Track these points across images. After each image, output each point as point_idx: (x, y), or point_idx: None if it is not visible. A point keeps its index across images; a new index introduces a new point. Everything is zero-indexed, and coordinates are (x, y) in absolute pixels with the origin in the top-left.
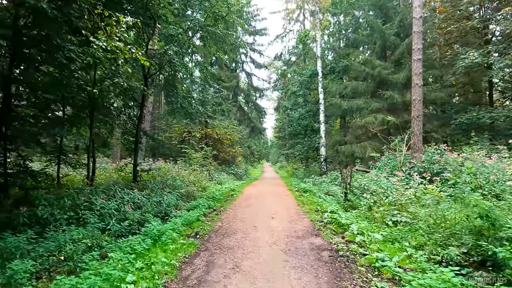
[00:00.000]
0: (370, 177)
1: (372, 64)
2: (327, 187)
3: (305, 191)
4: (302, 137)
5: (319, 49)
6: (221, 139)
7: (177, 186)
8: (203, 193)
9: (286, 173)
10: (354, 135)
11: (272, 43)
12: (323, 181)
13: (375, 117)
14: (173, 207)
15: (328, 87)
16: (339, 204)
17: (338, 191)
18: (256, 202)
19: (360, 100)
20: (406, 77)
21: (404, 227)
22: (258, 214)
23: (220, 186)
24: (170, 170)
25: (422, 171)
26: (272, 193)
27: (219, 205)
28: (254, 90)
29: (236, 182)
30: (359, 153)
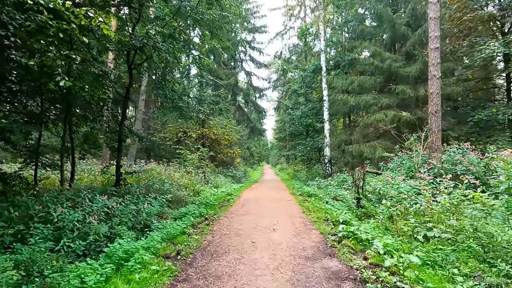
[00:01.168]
0: (385, 180)
1: (382, 57)
2: (334, 191)
3: (310, 196)
4: (303, 138)
5: (323, 42)
6: (219, 139)
7: (165, 190)
8: (195, 198)
9: (287, 175)
10: (361, 134)
11: (272, 41)
12: (329, 184)
13: (385, 114)
14: (156, 216)
15: (333, 83)
16: (351, 212)
17: (348, 196)
18: (255, 209)
19: (368, 95)
20: (419, 70)
21: (441, 243)
22: (257, 225)
23: (215, 190)
24: (161, 172)
25: (443, 173)
26: (273, 197)
27: (212, 213)
28: (253, 90)
29: (234, 185)
30: (368, 153)
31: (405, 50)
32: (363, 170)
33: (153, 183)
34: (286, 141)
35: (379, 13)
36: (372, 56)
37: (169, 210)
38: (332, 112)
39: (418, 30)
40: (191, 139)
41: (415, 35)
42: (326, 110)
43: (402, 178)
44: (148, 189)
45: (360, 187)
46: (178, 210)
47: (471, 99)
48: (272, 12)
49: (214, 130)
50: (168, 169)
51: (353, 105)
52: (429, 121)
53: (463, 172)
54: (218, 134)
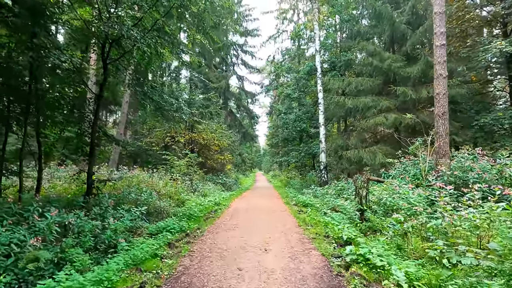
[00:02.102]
0: (391, 188)
1: (381, 57)
2: (332, 200)
3: (305, 206)
4: (297, 144)
5: (318, 42)
6: (209, 145)
7: (142, 201)
8: (179, 209)
9: (279, 182)
10: (359, 138)
11: (264, 44)
12: (326, 192)
13: (385, 117)
14: (127, 232)
15: (329, 84)
16: (353, 225)
17: (349, 207)
18: (245, 222)
19: (367, 98)
20: (421, 71)
21: (474, 270)
22: (246, 243)
23: (202, 199)
24: (144, 180)
25: (453, 181)
26: (265, 208)
27: (195, 227)
28: (246, 94)
29: (223, 193)
30: (368, 160)
31: (405, 50)
32: (366, 178)
33: (129, 192)
34: (279, 147)
35: (377, 10)
36: (371, 56)
37: (146, 224)
38: (327, 116)
39: (419, 29)
40: (179, 144)
41: (416, 34)
42: (322, 114)
43: (411, 186)
44: (120, 199)
45: (364, 197)
46: (156, 224)
47: (474, 102)
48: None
49: (204, 135)
50: (153, 177)
51: (350, 107)
52: (435, 124)
53: (476, 180)
54: (207, 139)
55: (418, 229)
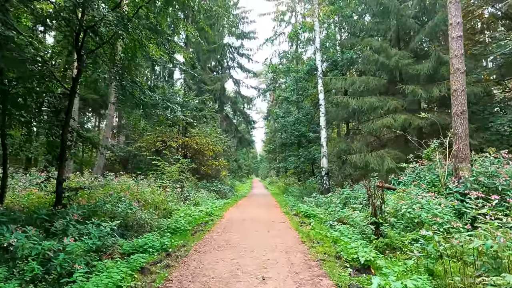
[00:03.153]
0: (409, 198)
1: (387, 53)
2: (338, 211)
3: (308, 216)
4: (295, 149)
5: (318, 40)
6: (202, 150)
7: (119, 212)
8: (164, 221)
9: (277, 189)
10: (364, 142)
11: (261, 47)
12: (330, 201)
13: (393, 118)
14: (93, 254)
15: (331, 84)
16: (367, 241)
17: (359, 219)
18: (239, 237)
19: (372, 97)
20: (431, 68)
21: None
22: (239, 267)
23: (193, 209)
24: (127, 188)
25: (476, 188)
26: (262, 218)
27: (179, 244)
28: (242, 98)
29: (217, 201)
30: (375, 165)
31: (413, 46)
32: (382, 186)
33: (104, 203)
34: (276, 153)
35: (383, 4)
36: (377, 52)
37: (121, 241)
38: (329, 118)
39: (429, 23)
40: (171, 149)
41: (425, 28)
42: (323, 116)
43: (433, 195)
44: (93, 211)
45: (378, 207)
46: (133, 241)
47: (486, 103)
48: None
49: (197, 140)
50: (139, 184)
51: (355, 108)
52: (453, 124)
53: (504, 187)
54: (201, 144)
55: (459, 251)
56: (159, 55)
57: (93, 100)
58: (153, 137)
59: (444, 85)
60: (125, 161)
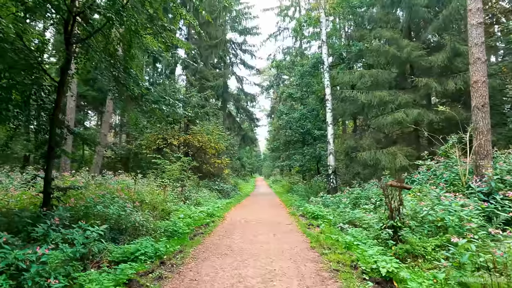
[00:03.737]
0: (430, 198)
1: (399, 45)
2: (348, 212)
3: (315, 217)
4: (300, 147)
5: (324, 32)
6: (204, 147)
7: (110, 214)
8: (161, 223)
9: (281, 188)
10: (374, 138)
11: (264, 43)
12: (339, 201)
13: (406, 113)
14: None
15: (338, 78)
16: (384, 247)
17: (373, 221)
18: (241, 241)
19: (383, 91)
20: (446, 59)
21: None
22: (241, 279)
23: (194, 209)
24: (124, 187)
25: (502, 187)
26: (267, 220)
27: (175, 250)
28: (245, 95)
29: (220, 201)
30: (387, 162)
31: (425, 37)
32: (400, 185)
33: (95, 203)
34: (280, 151)
35: None
36: (388, 44)
37: (112, 246)
38: (336, 114)
39: (443, 12)
40: (172, 147)
41: (439, 18)
42: (330, 112)
43: (456, 195)
44: (82, 213)
45: (396, 209)
46: (125, 246)
47: (504, 97)
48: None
49: (199, 137)
50: (137, 183)
51: (364, 103)
52: (473, 118)
53: None
54: (203, 142)
55: (502, 263)
56: (156, 46)
57: (92, 97)
58: (154, 135)
59: (460, 78)
60: (126, 160)
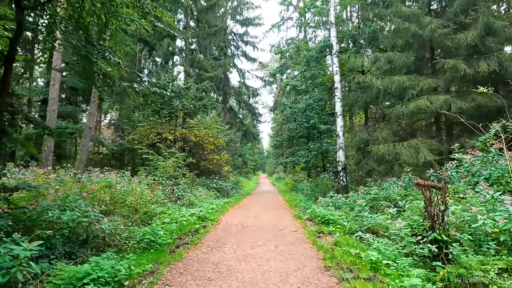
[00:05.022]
0: (478, 202)
1: (420, 22)
2: (367, 217)
3: (326, 222)
4: (305, 142)
5: (333, 13)
6: (202, 142)
7: (65, 221)
8: (139, 231)
9: (284, 186)
10: (391, 130)
11: (267, 34)
12: (352, 202)
13: (429, 100)
14: None
15: (349, 62)
16: (423, 268)
17: (405, 231)
18: (234, 258)
19: (402, 76)
20: (477, 38)
21: None
22: None
23: (184, 211)
24: (109, 185)
25: None
26: (268, 225)
27: (145, 271)
28: (247, 89)
29: (217, 201)
30: (408, 157)
31: (450, 14)
32: (444, 186)
33: (48, 207)
34: (284, 147)
35: None
36: (408, 19)
37: (61, 266)
38: (347, 103)
39: None
40: (167, 142)
41: None
42: (339, 101)
43: None
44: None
45: (440, 216)
46: (75, 268)
47: None
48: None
49: (196, 131)
50: (125, 181)
51: (380, 90)
52: None
53: None
54: (200, 136)
55: None
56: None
57: (83, 89)
58: (147, 129)
59: (494, 58)
60: (121, 156)
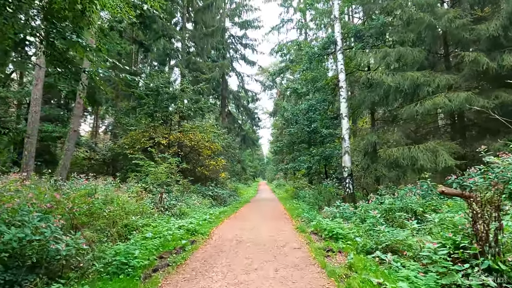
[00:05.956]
0: None
1: (435, 12)
2: (385, 232)
3: (334, 237)
4: (306, 147)
5: (337, 7)
6: (199, 147)
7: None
8: (112, 249)
9: (285, 193)
10: (403, 132)
11: (267, 36)
12: (363, 212)
13: (447, 98)
14: None
15: (355, 58)
16: None
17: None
18: (224, 285)
19: (415, 72)
20: (500, 28)
21: None
22: None
23: (172, 223)
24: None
25: None
26: (267, 240)
27: None
28: (246, 93)
29: (211, 210)
30: (426, 162)
31: (466, 4)
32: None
33: None
34: (284, 153)
35: None
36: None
37: None
38: (353, 104)
39: None
40: (160, 147)
41: None
42: (344, 102)
43: None
44: None
45: (492, 239)
46: None
47: None
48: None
49: (191, 135)
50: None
51: (390, 87)
52: None
53: None
54: (196, 141)
55: None
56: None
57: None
58: (139, 132)
59: None
60: (113, 161)
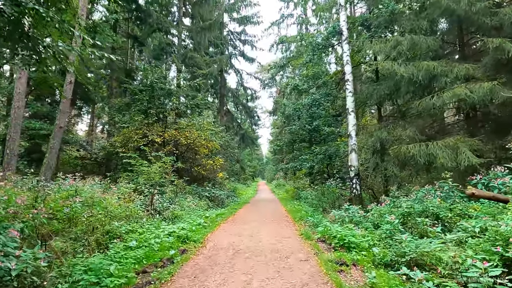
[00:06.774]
0: None
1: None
2: (405, 241)
3: (346, 246)
4: (307, 146)
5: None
6: (195, 146)
7: None
8: (86, 261)
9: (285, 193)
10: (417, 127)
11: (266, 31)
12: (377, 217)
13: (468, 89)
14: None
15: (364, 48)
16: None
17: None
18: None
19: (430, 62)
20: None
21: None
22: None
23: (162, 229)
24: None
25: None
26: (268, 249)
27: None
28: (245, 90)
29: (207, 213)
30: (446, 160)
31: None
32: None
33: None
34: (284, 153)
35: None
36: None
37: None
38: (360, 98)
39: None
40: (155, 145)
41: None
42: (350, 96)
43: None
44: None
45: None
46: None
47: None
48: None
49: (187, 133)
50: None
51: (403, 78)
52: None
53: None
54: (192, 139)
55: None
56: None
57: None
58: (131, 130)
59: None
60: (107, 161)
